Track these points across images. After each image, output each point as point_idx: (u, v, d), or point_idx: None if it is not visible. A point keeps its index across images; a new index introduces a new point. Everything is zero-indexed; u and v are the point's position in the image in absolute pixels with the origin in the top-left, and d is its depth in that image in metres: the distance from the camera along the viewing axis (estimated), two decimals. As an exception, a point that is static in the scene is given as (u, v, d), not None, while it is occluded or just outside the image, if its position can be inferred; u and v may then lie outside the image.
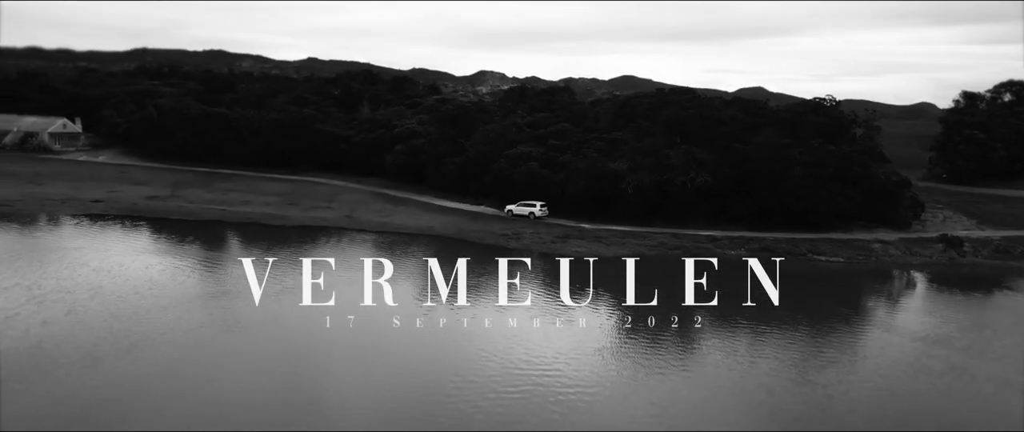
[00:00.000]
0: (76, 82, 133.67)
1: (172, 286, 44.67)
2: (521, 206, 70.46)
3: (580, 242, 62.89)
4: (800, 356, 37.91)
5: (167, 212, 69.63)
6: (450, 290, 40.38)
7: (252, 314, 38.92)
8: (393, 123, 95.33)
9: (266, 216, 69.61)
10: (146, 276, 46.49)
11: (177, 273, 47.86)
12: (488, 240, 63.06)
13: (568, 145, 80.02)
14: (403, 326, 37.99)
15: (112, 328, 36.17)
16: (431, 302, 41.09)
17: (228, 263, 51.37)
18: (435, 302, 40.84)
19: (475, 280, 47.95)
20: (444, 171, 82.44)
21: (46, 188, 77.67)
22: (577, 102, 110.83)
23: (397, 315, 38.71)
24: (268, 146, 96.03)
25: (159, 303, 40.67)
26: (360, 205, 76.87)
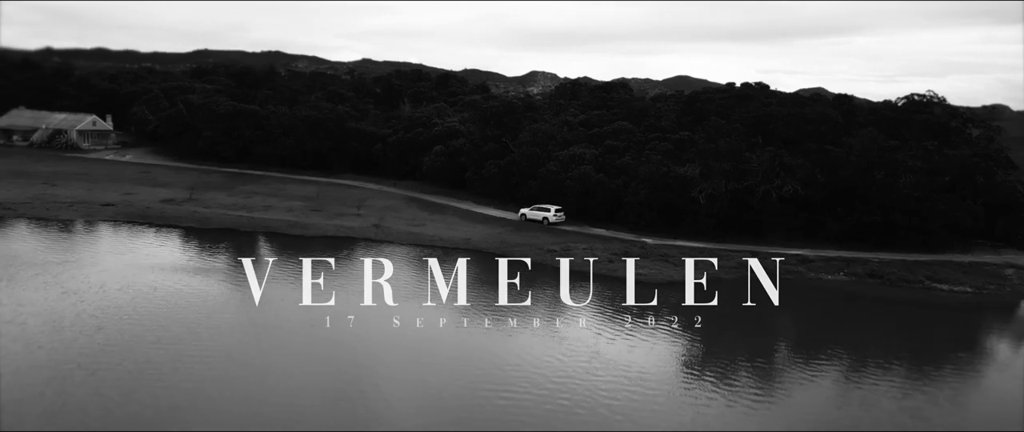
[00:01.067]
0: (113, 78, 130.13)
1: (121, 322, 36.82)
2: (535, 210, 63.69)
3: (643, 262, 52.87)
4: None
5: (179, 218, 62.68)
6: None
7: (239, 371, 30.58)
8: (433, 121, 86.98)
9: (285, 224, 61.93)
10: (107, 303, 38.83)
11: (140, 303, 40.07)
12: (534, 256, 53.70)
13: (627, 146, 70.08)
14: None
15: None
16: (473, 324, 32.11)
17: (208, 297, 43.26)
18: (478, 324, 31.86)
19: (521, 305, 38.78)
20: (486, 175, 73.53)
21: (60, 189, 72.00)
22: (636, 98, 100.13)
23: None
24: (299, 146, 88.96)
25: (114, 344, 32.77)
26: (391, 212, 68.57)
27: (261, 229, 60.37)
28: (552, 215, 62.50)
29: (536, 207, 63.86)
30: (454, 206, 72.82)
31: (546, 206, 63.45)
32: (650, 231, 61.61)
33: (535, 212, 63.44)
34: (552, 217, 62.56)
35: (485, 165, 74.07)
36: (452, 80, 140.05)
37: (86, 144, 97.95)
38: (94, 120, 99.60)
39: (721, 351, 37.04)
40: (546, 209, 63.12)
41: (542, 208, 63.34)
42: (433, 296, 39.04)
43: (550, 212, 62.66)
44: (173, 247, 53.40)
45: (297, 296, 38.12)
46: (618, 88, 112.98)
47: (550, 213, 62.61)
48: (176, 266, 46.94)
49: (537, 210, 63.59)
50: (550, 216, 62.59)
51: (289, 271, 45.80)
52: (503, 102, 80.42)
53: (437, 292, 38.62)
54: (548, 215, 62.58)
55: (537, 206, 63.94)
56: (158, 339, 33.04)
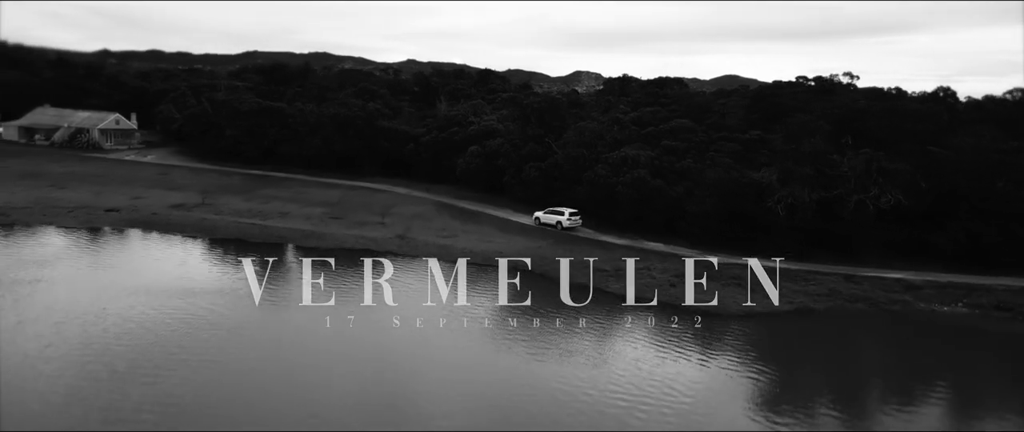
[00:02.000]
0: (144, 76, 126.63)
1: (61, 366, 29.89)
2: (548, 213, 58.65)
3: (713, 286, 44.04)
4: None
5: (184, 226, 56.46)
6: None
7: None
8: (469, 119, 79.41)
9: (300, 234, 55.04)
10: (64, 342, 32.06)
11: (99, 347, 33.22)
12: (580, 278, 45.45)
13: (688, 147, 61.16)
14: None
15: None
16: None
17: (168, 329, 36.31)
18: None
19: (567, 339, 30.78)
20: (526, 179, 65.51)
21: (66, 192, 66.81)
22: (696, 93, 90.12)
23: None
24: (326, 146, 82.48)
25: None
26: (419, 221, 61.14)
27: (272, 239, 53.60)
28: (565, 219, 57.22)
29: (550, 210, 58.71)
30: (490, 214, 65.05)
31: (560, 209, 58.18)
32: (717, 247, 52.67)
33: (548, 216, 58.31)
34: (566, 221, 57.22)
35: (525, 168, 66.07)
36: (492, 77, 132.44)
37: (109, 144, 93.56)
38: (117, 119, 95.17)
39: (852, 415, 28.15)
40: (560, 212, 57.79)
41: (556, 211, 58.16)
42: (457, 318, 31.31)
43: (564, 216, 57.36)
44: (164, 263, 46.84)
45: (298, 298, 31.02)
46: (672, 84, 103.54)
47: (564, 217, 57.33)
48: (159, 289, 40.12)
49: (551, 213, 58.41)
50: (564, 220, 57.29)
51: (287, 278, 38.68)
52: (545, 97, 72.23)
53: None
54: (561, 219, 57.34)
55: (551, 209, 58.75)
56: (108, 406, 25.77)
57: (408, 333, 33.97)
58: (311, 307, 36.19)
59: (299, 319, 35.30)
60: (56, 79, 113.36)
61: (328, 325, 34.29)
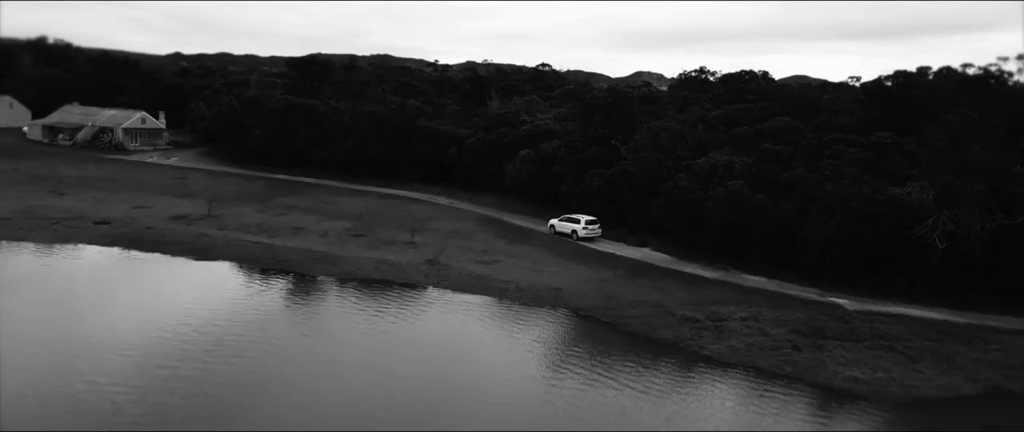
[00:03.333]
0: (182, 73, 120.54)
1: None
2: (564, 221, 52.39)
3: (848, 348, 31.34)
4: None
5: (175, 244, 47.11)
6: None
7: None
8: (521, 118, 68.20)
9: (308, 257, 44.86)
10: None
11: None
12: (662, 332, 33.45)
13: (794, 153, 48.21)
14: None
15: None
16: None
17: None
18: None
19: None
20: (588, 190, 53.82)
21: (63, 200, 58.79)
22: (800, 87, 75.57)
23: None
24: (359, 149, 72.70)
25: None
26: (457, 240, 50.22)
27: (273, 264, 43.55)
28: (581, 228, 50.98)
29: (565, 217, 52.55)
30: (543, 232, 53.64)
31: (576, 216, 51.91)
32: (844, 285, 39.80)
33: (564, 224, 52.20)
34: (581, 230, 50.93)
35: (586, 176, 54.36)
36: (550, 76, 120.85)
37: (134, 144, 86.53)
38: (143, 117, 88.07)
39: None
40: (575, 220, 51.57)
41: (571, 219, 51.91)
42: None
43: (580, 224, 51.16)
44: (111, 300, 37.17)
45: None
46: (758, 78, 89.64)
47: (579, 225, 51.11)
48: (80, 344, 30.27)
49: (566, 221, 52.20)
50: (579, 229, 50.99)
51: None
52: (612, 91, 60.14)
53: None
54: (577, 227, 51.12)
55: (566, 216, 52.60)
56: None
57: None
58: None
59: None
60: (91, 76, 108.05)
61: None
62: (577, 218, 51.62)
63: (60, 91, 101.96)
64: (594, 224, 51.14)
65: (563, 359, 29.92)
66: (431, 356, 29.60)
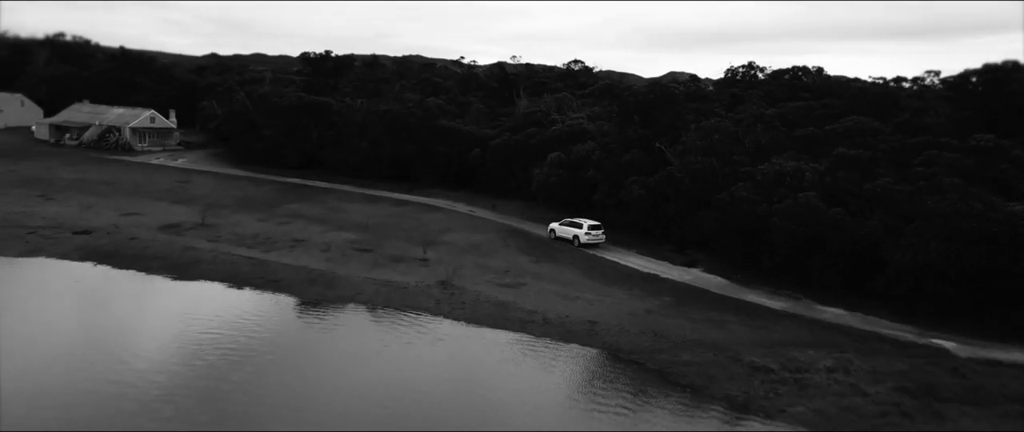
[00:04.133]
0: (199, 70, 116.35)
1: None
2: (565, 225, 48.54)
3: (981, 418, 24.03)
4: None
5: (157, 259, 41.53)
6: None
7: None
8: (550, 117, 61.53)
9: (303, 277, 38.86)
10: None
11: None
12: (727, 385, 26.50)
13: (874, 158, 40.63)
14: None
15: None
16: None
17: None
18: None
19: None
20: (627, 199, 46.95)
21: (50, 206, 53.85)
22: (871, 83, 66.97)
23: None
24: (373, 150, 66.77)
25: None
26: (475, 256, 43.77)
27: (260, 284, 37.59)
28: (583, 233, 46.85)
29: (566, 222, 48.78)
30: (575, 248, 46.91)
31: (578, 220, 48.10)
32: (946, 323, 32.33)
33: (565, 228, 48.35)
34: (583, 236, 46.81)
35: (625, 183, 47.47)
36: (580, 73, 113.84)
37: (142, 144, 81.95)
38: (152, 116, 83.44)
39: None
40: (577, 225, 47.60)
41: (573, 223, 48.03)
42: None
43: (582, 229, 47.07)
44: (37, 337, 31.48)
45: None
46: (810, 74, 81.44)
47: (581, 230, 47.02)
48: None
49: (568, 225, 48.23)
50: (581, 234, 46.88)
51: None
52: (656, 86, 52.97)
53: None
54: (579, 232, 47.06)
55: (568, 220, 48.82)
56: None
57: None
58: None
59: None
60: (105, 74, 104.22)
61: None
62: (579, 222, 47.62)
63: (74, 89, 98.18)
64: (597, 229, 47.11)
65: (603, 404, 23.25)
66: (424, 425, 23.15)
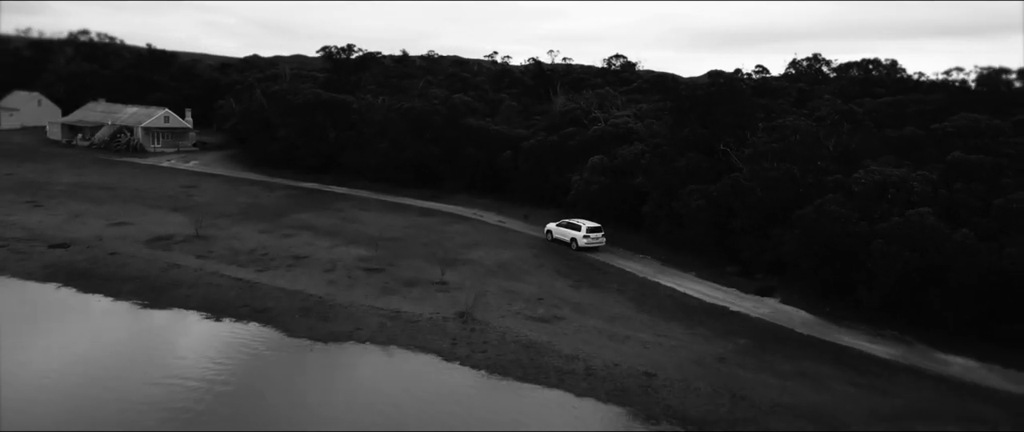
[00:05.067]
0: (222, 68, 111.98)
1: None
2: (563, 227, 45.37)
3: None
4: None
5: (133, 279, 35.78)
6: None
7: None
8: (592, 115, 54.42)
9: (296, 306, 32.57)
10: None
11: None
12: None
13: (997, 165, 32.56)
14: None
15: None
16: None
17: None
18: None
19: None
20: (684, 211, 39.56)
21: (33, 214, 48.69)
22: (983, 75, 57.38)
23: None
24: (394, 152, 60.44)
25: None
26: (502, 279, 36.92)
27: (244, 314, 31.41)
28: (581, 235, 43.98)
29: (564, 223, 45.72)
30: (623, 269, 39.71)
31: (576, 222, 45.07)
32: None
33: (563, 230, 45.33)
34: (582, 238, 43.81)
35: (681, 193, 40.08)
36: (623, 69, 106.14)
37: (155, 145, 77.27)
38: (166, 116, 78.66)
39: None
40: (575, 227, 44.61)
41: (571, 225, 44.98)
42: None
43: (580, 232, 44.20)
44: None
45: None
46: (883, 66, 72.55)
47: (580, 233, 44.16)
48: None
49: (565, 227, 45.18)
50: (579, 237, 43.92)
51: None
52: (716, 79, 45.33)
53: None
54: (576, 235, 44.19)
55: (566, 222, 45.69)
56: None
57: None
58: None
59: None
60: (124, 72, 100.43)
61: None
62: (577, 224, 44.30)
63: (93, 87, 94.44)
64: (597, 232, 43.80)
65: None
66: None
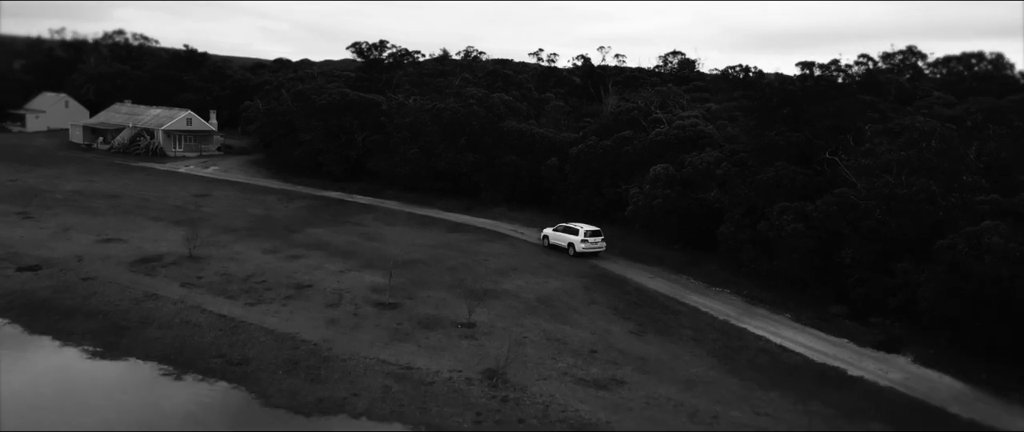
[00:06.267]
0: (255, 68, 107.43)
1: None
2: (560, 231, 41.22)
3: None
4: None
5: (96, 314, 29.58)
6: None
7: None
8: (652, 116, 46.49)
9: (283, 356, 25.75)
10: None
11: None
12: None
13: None
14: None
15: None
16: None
17: None
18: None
19: None
20: (775, 235, 31.31)
21: (17, 228, 43.07)
22: None
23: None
24: (424, 159, 53.58)
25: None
26: (544, 320, 29.33)
27: (215, 368, 24.67)
28: (579, 240, 40.32)
29: (561, 227, 42.34)
30: (697, 306, 31.65)
31: (574, 226, 41.56)
32: None
33: (560, 235, 41.94)
34: (579, 243, 40.22)
35: (770, 211, 31.88)
36: (681, 66, 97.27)
37: (176, 149, 72.38)
38: (188, 118, 73.73)
39: None
40: (573, 231, 41.07)
41: (568, 228, 41.48)
42: None
43: (578, 236, 40.60)
44: None
45: None
46: (986, 60, 62.39)
47: (577, 237, 40.56)
48: None
49: (563, 232, 41.74)
50: (577, 242, 40.32)
51: None
52: (810, 72, 36.75)
53: None
54: (574, 240, 40.62)
55: (563, 225, 42.28)
56: None
57: None
58: None
59: None
60: (155, 72, 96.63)
61: None
62: (575, 228, 41.17)
63: (124, 89, 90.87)
64: (596, 236, 40.75)
65: None
66: None
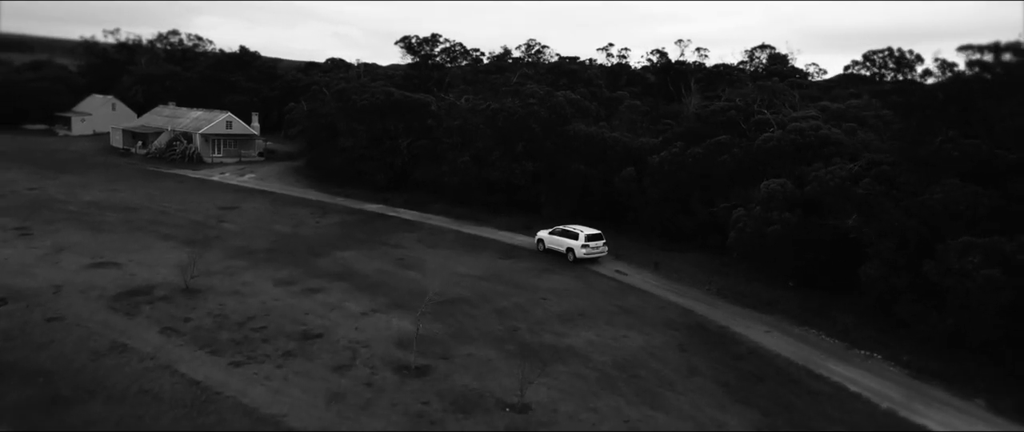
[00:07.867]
0: (306, 69, 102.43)
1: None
2: (556, 235, 37.92)
3: None
4: None
5: (25, 380, 22.86)
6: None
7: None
8: (754, 115, 37.32)
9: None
10: None
11: None
12: None
13: None
14: None
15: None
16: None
17: None
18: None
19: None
20: (958, 288, 21.84)
21: (4, 248, 37.85)
22: None
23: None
24: (477, 168, 45.86)
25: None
26: (625, 396, 20.83)
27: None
28: (579, 245, 36.10)
29: (558, 231, 37.99)
30: (840, 383, 22.53)
31: (574, 229, 37.40)
32: None
33: (557, 239, 37.69)
34: (579, 248, 36.07)
35: (942, 251, 22.50)
36: (772, 61, 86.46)
37: (215, 154, 67.27)
38: (228, 121, 68.56)
39: None
40: (572, 235, 36.93)
41: (567, 232, 37.37)
42: None
43: (577, 240, 36.40)
44: None
45: None
46: None
47: (577, 241, 36.33)
48: None
49: (561, 235, 37.53)
50: (577, 246, 36.13)
51: None
52: (993, 57, 27.02)
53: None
54: (573, 244, 36.40)
55: (561, 229, 37.98)
56: None
57: None
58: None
59: None
60: (204, 74, 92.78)
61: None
62: (574, 232, 37.61)
63: (173, 90, 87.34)
64: (597, 240, 37.28)
65: None
66: None
